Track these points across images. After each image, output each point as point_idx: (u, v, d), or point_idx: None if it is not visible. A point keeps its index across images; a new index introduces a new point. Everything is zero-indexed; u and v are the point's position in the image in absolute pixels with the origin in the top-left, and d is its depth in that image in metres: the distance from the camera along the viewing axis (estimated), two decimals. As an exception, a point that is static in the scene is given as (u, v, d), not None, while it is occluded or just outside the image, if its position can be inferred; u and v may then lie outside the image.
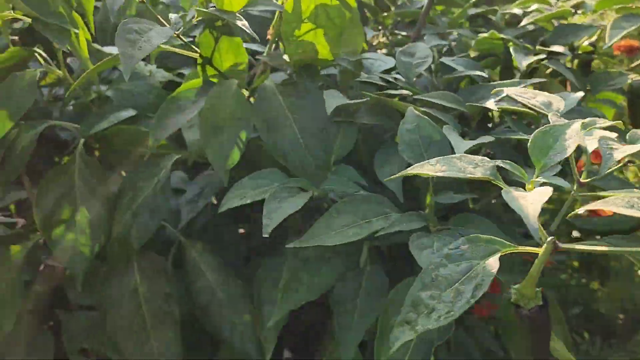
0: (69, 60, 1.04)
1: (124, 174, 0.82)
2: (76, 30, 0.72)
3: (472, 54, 0.81)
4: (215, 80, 0.70)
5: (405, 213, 0.51)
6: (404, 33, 0.78)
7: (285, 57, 0.68)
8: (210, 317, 0.76)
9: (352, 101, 0.58)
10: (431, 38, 0.74)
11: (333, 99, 0.57)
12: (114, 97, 0.78)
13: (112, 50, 0.86)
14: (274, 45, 0.66)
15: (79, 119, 0.83)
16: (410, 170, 0.41)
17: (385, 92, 0.59)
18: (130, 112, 0.76)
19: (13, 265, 0.78)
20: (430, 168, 0.40)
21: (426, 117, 0.54)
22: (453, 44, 0.77)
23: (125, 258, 0.71)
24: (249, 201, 0.56)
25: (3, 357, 0.81)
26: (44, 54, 0.80)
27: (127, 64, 0.54)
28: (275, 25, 0.63)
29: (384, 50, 0.87)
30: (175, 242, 0.84)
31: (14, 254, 0.79)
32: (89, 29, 0.76)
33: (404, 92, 0.58)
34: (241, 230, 0.94)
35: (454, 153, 0.52)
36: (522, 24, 0.72)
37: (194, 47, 0.66)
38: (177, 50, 0.67)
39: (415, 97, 0.58)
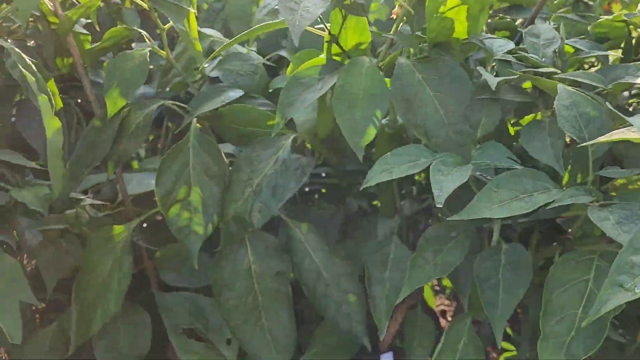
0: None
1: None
2: (192, 10, 0.72)
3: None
4: (337, 58, 0.70)
5: (569, 188, 0.51)
6: (508, 17, 0.78)
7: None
8: (316, 296, 0.77)
9: (502, 78, 0.58)
10: (539, 22, 0.74)
11: (492, 76, 0.57)
12: (223, 78, 0.78)
13: (209, 32, 0.86)
14: (400, 24, 0.66)
15: (178, 99, 0.83)
16: (613, 137, 0.42)
17: (530, 70, 0.59)
18: (239, 92, 0.76)
19: (117, 246, 0.78)
20: (633, 134, 0.41)
21: (582, 94, 0.54)
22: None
23: (239, 237, 0.71)
24: (396, 176, 0.57)
25: (103, 335, 0.81)
26: (146, 34, 0.80)
27: (295, 31, 0.55)
28: (408, 2, 0.63)
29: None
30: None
31: (117, 234, 0.79)
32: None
33: (551, 69, 0.58)
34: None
35: (613, 129, 0.53)
36: (640, 8, 0.73)
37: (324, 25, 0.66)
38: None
39: (560, 75, 0.58)
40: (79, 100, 1.18)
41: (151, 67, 1.06)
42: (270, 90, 0.82)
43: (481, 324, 0.81)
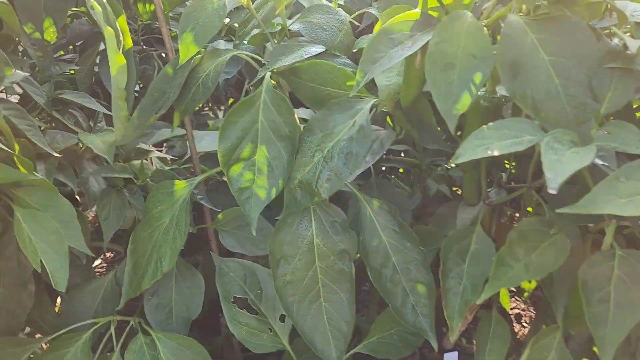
0: None
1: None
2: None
3: None
4: (434, 14, 0.60)
5: None
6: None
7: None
8: (382, 281, 0.69)
9: (645, 42, 0.47)
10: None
11: (631, 39, 0.46)
12: (304, 31, 0.71)
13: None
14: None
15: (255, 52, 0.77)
16: None
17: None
18: (320, 48, 0.69)
19: (177, 201, 0.74)
20: None
21: None
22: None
23: (304, 206, 0.65)
24: (495, 153, 0.47)
25: (156, 293, 0.78)
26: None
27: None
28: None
29: None
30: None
31: (178, 189, 0.75)
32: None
33: None
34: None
35: None
36: None
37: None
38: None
39: None
40: (163, 55, 1.17)
41: (235, 24, 1.01)
42: (354, 50, 0.74)
43: (570, 339, 0.70)
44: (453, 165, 0.97)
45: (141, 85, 1.17)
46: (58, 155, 0.72)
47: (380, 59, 0.57)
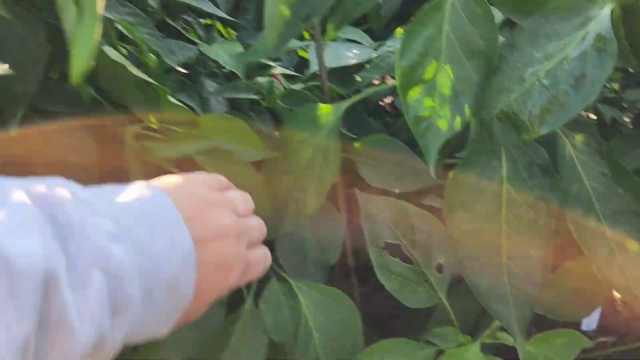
0: None
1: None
2: None
3: None
4: None
5: None
6: None
7: None
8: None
9: None
10: None
11: None
12: None
13: None
14: None
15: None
16: None
17: None
18: None
19: (321, 128, 0.62)
20: None
21: None
22: None
23: (505, 142, 0.51)
24: None
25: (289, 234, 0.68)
26: None
27: None
28: None
29: None
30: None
31: (323, 114, 0.63)
32: None
33: None
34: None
35: None
36: None
37: None
38: None
39: None
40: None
41: None
42: None
43: None
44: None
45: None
46: (183, 70, 0.60)
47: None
